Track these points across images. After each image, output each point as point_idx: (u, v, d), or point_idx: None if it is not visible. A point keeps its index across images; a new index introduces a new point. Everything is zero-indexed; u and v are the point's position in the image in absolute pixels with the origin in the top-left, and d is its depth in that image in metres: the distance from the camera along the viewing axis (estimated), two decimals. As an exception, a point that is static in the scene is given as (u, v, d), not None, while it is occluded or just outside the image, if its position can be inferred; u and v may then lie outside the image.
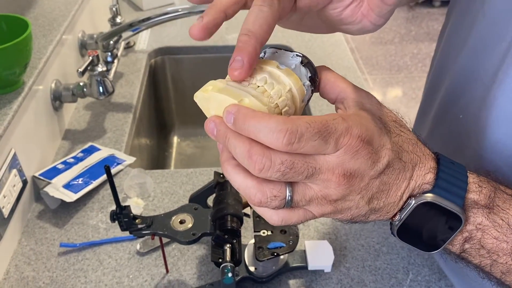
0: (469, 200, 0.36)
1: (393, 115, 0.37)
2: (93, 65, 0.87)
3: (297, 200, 0.33)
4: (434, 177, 0.35)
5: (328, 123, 0.30)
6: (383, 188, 0.34)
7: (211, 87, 0.34)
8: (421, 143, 0.37)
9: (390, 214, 0.36)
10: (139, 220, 0.61)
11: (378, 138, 0.33)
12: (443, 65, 0.60)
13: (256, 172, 0.31)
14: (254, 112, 0.31)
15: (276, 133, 0.29)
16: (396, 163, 0.34)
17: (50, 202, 0.77)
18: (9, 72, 0.70)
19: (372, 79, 3.03)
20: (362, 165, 0.32)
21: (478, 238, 0.36)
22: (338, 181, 0.32)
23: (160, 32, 1.31)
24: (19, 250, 0.71)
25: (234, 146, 0.31)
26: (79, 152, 0.86)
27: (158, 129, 1.32)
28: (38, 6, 0.99)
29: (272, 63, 0.35)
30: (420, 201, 0.34)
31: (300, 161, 0.31)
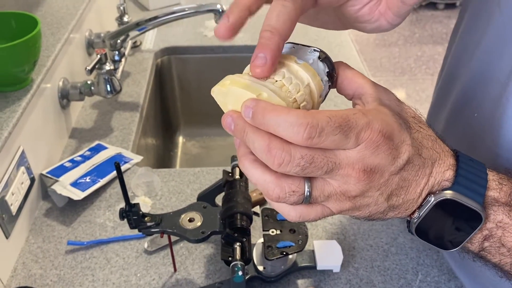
0: (489, 197, 0.35)
1: (412, 111, 0.36)
2: (101, 63, 0.87)
3: (315, 196, 0.32)
4: (453, 174, 0.35)
5: (349, 117, 0.30)
6: (403, 185, 0.33)
7: (228, 82, 0.33)
8: (440, 140, 0.36)
9: (409, 211, 0.35)
10: (148, 218, 0.61)
11: (398, 133, 0.32)
12: (457, 64, 0.59)
13: (275, 166, 0.30)
14: (274, 106, 0.30)
15: (297, 127, 0.29)
16: (416, 159, 0.33)
17: (58, 200, 0.77)
18: (18, 69, 0.70)
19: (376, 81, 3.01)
20: (383, 160, 0.31)
21: (499, 236, 0.35)
22: (358, 176, 0.31)
23: (166, 31, 1.31)
24: (27, 247, 0.71)
25: (253, 141, 0.31)
26: (86, 151, 0.86)
27: (164, 129, 1.31)
28: (46, 4, 0.99)
29: (290, 58, 0.34)
30: (440, 198, 0.34)
31: (320, 155, 0.30)
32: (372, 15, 0.37)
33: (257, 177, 0.32)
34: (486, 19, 0.51)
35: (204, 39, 1.29)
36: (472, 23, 0.56)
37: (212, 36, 1.29)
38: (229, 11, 0.33)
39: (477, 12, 0.55)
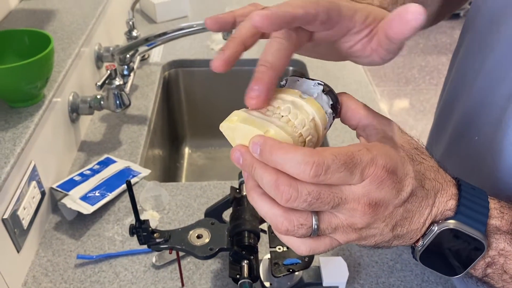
0: (491, 226, 0.36)
1: (415, 142, 0.37)
2: (110, 78, 0.89)
3: (323, 229, 0.34)
4: (456, 204, 0.36)
5: (353, 154, 0.31)
6: (407, 216, 0.35)
7: (236, 118, 0.35)
8: (442, 170, 0.37)
9: (413, 240, 0.37)
10: (157, 234, 0.62)
11: (401, 167, 0.33)
12: (458, 87, 0.60)
13: (283, 202, 0.31)
14: (281, 144, 0.31)
15: (303, 165, 0.30)
16: (419, 191, 0.34)
17: (67, 213, 0.78)
18: (31, 86, 0.72)
19: (380, 91, 3.04)
20: (387, 194, 0.33)
21: (501, 264, 0.36)
22: (364, 210, 0.32)
23: (173, 45, 1.33)
24: (37, 261, 0.72)
25: (261, 176, 0.32)
26: (95, 164, 0.87)
27: (170, 141, 1.33)
28: (57, 20, 1.01)
29: (295, 92, 0.36)
30: (443, 227, 0.35)
31: (326, 191, 0.32)
32: (364, 51, 0.38)
33: (266, 210, 0.33)
34: (487, 44, 0.53)
35: (210, 52, 1.31)
36: (473, 48, 0.57)
37: (218, 49, 1.31)
38: (226, 45, 0.35)
39: (478, 37, 0.56)
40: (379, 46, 0.37)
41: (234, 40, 0.36)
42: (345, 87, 1.16)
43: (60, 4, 1.07)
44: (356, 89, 1.16)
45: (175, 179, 1.32)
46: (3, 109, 0.74)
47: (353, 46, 0.38)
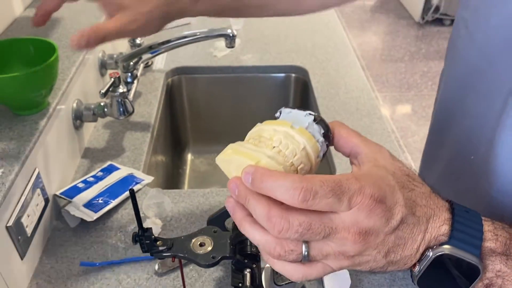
0: (486, 248, 0.36)
1: (406, 169, 0.38)
2: (114, 86, 0.90)
3: (314, 255, 0.34)
4: (449, 229, 0.36)
5: (341, 182, 0.32)
6: (399, 243, 0.35)
7: (230, 151, 0.36)
8: (434, 195, 0.38)
9: (408, 265, 0.37)
10: (160, 242, 0.62)
11: (391, 195, 0.34)
12: (449, 107, 0.61)
13: (276, 233, 0.33)
14: (271, 172, 0.33)
15: (292, 191, 0.31)
16: (410, 218, 0.35)
17: (71, 220, 0.79)
18: (36, 94, 0.73)
19: (382, 96, 3.04)
20: (377, 222, 0.33)
21: (499, 284, 0.37)
22: (354, 239, 0.33)
23: (177, 52, 1.33)
24: (40, 268, 0.73)
25: (254, 208, 0.33)
26: (98, 171, 0.88)
27: (173, 147, 1.34)
28: (61, 27, 1.02)
29: (286, 124, 0.37)
30: (438, 253, 0.36)
31: (317, 222, 0.33)
32: None
33: (258, 238, 0.35)
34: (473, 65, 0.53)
35: (213, 59, 1.31)
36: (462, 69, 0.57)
37: (221, 57, 1.32)
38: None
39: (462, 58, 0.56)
40: None
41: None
42: (347, 93, 1.17)
43: (65, 12, 1.08)
44: (358, 96, 1.16)
45: (178, 185, 1.33)
46: (7, 116, 0.75)
47: None
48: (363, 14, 4.18)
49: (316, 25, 1.50)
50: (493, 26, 0.49)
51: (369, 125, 1.06)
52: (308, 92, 1.26)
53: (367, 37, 3.81)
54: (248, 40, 1.40)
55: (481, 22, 0.51)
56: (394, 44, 3.66)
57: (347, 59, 1.32)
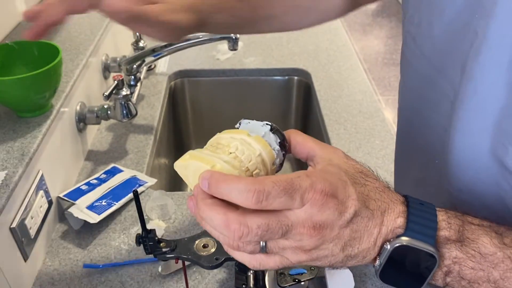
0: (441, 237, 0.38)
1: (359, 167, 0.40)
2: (118, 88, 0.90)
3: (271, 247, 0.36)
4: (405, 221, 0.37)
5: (293, 181, 0.33)
6: (355, 236, 0.36)
7: (188, 156, 0.38)
8: (388, 190, 0.39)
9: (368, 259, 0.38)
10: (163, 244, 0.62)
11: (342, 190, 0.35)
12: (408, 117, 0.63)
13: (236, 239, 0.34)
14: (226, 176, 0.34)
15: (246, 193, 0.32)
16: (363, 211, 0.36)
17: (74, 222, 0.79)
18: (40, 96, 0.73)
19: (384, 100, 3.04)
20: (330, 216, 0.34)
21: (457, 271, 0.38)
22: (310, 233, 0.34)
23: (179, 55, 1.34)
24: (44, 270, 0.73)
25: (211, 218, 0.34)
26: (102, 173, 0.88)
27: (176, 149, 1.34)
28: (65, 30, 1.03)
29: (243, 132, 0.39)
30: (395, 245, 0.37)
31: (274, 221, 0.34)
32: None
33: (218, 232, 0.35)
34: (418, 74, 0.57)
35: (216, 62, 1.32)
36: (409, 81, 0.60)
37: (224, 60, 1.32)
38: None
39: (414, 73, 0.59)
40: None
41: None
42: (350, 96, 1.17)
43: (68, 15, 1.09)
44: (360, 99, 1.16)
45: (181, 187, 1.33)
46: (11, 119, 0.75)
47: None
48: (365, 18, 4.19)
49: (318, 28, 1.51)
50: (436, 35, 0.51)
51: (371, 127, 1.06)
52: (310, 95, 1.26)
53: (369, 40, 3.81)
54: (251, 43, 1.41)
55: (425, 34, 0.53)
56: (396, 48, 3.66)
57: (349, 62, 1.33)
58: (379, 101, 3.01)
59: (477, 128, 0.46)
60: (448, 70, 0.50)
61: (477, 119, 0.46)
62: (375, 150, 0.99)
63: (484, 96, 0.44)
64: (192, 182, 0.39)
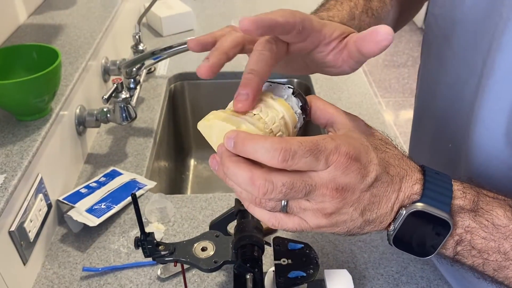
0: (455, 206, 0.39)
1: (379, 134, 0.41)
2: (117, 92, 0.90)
3: (292, 206, 0.36)
4: (421, 188, 0.38)
5: (318, 142, 0.34)
6: (374, 200, 0.37)
7: (212, 116, 0.38)
8: (406, 158, 0.40)
9: (384, 224, 0.39)
10: (162, 247, 0.62)
11: (365, 154, 0.36)
12: (425, 101, 0.65)
13: (261, 195, 0.34)
14: (252, 135, 0.34)
15: (272, 152, 0.33)
16: (384, 176, 0.37)
17: (73, 226, 0.79)
18: (39, 99, 0.73)
19: (385, 102, 3.04)
20: (353, 179, 0.35)
21: (468, 240, 0.39)
22: (332, 194, 0.35)
23: (179, 58, 1.34)
24: (43, 273, 0.73)
25: (236, 175, 0.34)
26: (101, 177, 0.88)
27: (176, 152, 1.34)
28: (64, 34, 1.03)
29: (267, 94, 0.39)
30: (411, 210, 0.37)
31: (298, 180, 0.34)
32: (336, 61, 0.42)
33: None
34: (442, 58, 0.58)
35: (216, 65, 1.32)
36: (434, 62, 0.61)
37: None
38: (210, 54, 0.40)
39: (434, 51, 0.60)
40: (349, 58, 0.41)
41: (218, 49, 0.40)
42: (350, 99, 1.17)
43: (68, 19, 1.09)
44: (360, 101, 1.16)
45: (181, 190, 1.33)
46: (10, 122, 0.75)
47: (326, 57, 0.42)
48: (366, 20, 4.18)
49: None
50: (457, 20, 0.53)
51: (371, 129, 1.06)
52: (310, 97, 1.26)
53: (369, 42, 3.81)
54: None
55: (447, 17, 0.55)
56: (397, 50, 3.67)
57: (349, 64, 1.32)
58: (380, 103, 3.01)
59: (494, 111, 0.48)
60: (470, 54, 0.51)
61: (494, 102, 0.47)
62: (374, 152, 0.99)
63: (502, 78, 0.46)
64: (216, 142, 0.39)
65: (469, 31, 0.52)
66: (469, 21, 0.51)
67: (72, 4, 1.17)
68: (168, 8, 1.45)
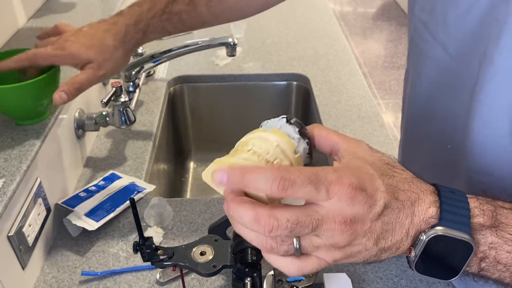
0: (475, 224, 0.38)
1: (386, 158, 0.39)
2: (116, 95, 0.90)
3: (305, 246, 0.35)
4: (437, 210, 0.37)
5: (318, 172, 0.33)
6: (387, 228, 0.36)
7: (212, 164, 0.39)
8: (417, 180, 0.39)
9: (401, 250, 0.38)
10: (160, 251, 0.62)
11: (370, 183, 0.35)
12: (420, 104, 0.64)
13: (267, 233, 0.33)
14: (251, 167, 0.34)
15: (271, 181, 0.33)
16: (393, 203, 0.36)
17: (72, 230, 0.79)
18: (38, 103, 0.73)
19: (385, 103, 3.04)
20: (360, 210, 0.34)
21: (493, 256, 0.38)
22: (341, 228, 0.34)
23: (179, 61, 1.34)
24: (42, 277, 0.72)
25: (240, 215, 0.34)
26: (100, 180, 0.88)
27: (176, 155, 1.34)
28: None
29: (259, 130, 0.40)
30: (431, 235, 0.36)
31: (304, 215, 0.34)
32: None
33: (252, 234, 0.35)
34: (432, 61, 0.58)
35: (215, 68, 1.32)
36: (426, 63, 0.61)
37: (223, 65, 1.33)
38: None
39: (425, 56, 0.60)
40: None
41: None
42: (349, 101, 1.17)
43: (67, 22, 1.09)
44: (359, 103, 1.16)
45: (180, 193, 1.33)
46: (9, 126, 0.75)
47: None
48: (365, 22, 4.19)
49: (317, 33, 1.51)
50: (450, 23, 0.52)
51: (370, 132, 1.06)
52: (309, 100, 1.26)
53: (369, 44, 3.82)
54: (250, 48, 1.41)
55: (439, 21, 0.54)
56: (397, 51, 3.67)
57: (348, 67, 1.33)
58: (380, 105, 3.01)
59: (496, 111, 0.47)
60: (465, 56, 0.51)
61: (497, 103, 0.47)
62: (374, 155, 0.99)
63: (504, 79, 0.46)
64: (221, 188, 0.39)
65: (465, 34, 0.52)
66: (465, 25, 0.51)
67: (71, 7, 1.17)
68: (168, 11, 1.45)
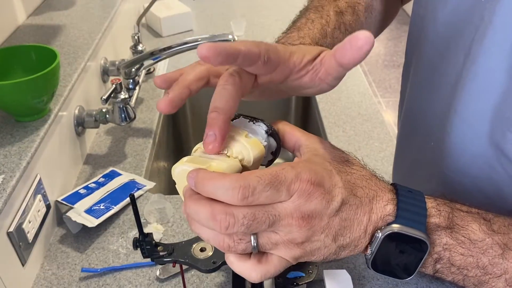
0: (431, 224, 0.38)
1: (345, 155, 0.40)
2: (116, 92, 0.90)
3: (263, 243, 0.35)
4: (394, 208, 0.37)
5: (277, 173, 0.33)
6: (345, 225, 0.36)
7: (185, 159, 0.38)
8: (375, 178, 0.39)
9: (359, 248, 0.38)
10: (160, 248, 0.62)
11: (328, 179, 0.35)
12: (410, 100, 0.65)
13: (223, 230, 0.33)
14: (210, 174, 0.33)
15: (231, 191, 0.32)
16: (351, 199, 0.36)
17: (72, 226, 0.79)
18: (37, 100, 0.73)
19: (385, 102, 3.03)
20: (318, 205, 0.34)
21: (447, 257, 0.38)
22: (299, 224, 0.34)
23: (179, 58, 1.34)
24: (42, 274, 0.72)
25: (197, 212, 0.34)
26: (100, 177, 0.88)
27: (176, 153, 1.34)
28: (63, 35, 1.03)
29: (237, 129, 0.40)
30: (386, 232, 0.37)
31: (260, 211, 0.33)
32: (313, 82, 0.40)
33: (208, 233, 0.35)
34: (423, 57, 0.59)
35: (215, 65, 1.31)
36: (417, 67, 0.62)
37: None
38: (171, 88, 0.38)
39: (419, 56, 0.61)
40: (328, 75, 0.39)
41: (179, 83, 0.39)
42: (349, 99, 1.17)
43: (67, 19, 1.09)
44: (360, 101, 1.16)
45: (180, 191, 1.32)
46: (9, 123, 0.75)
47: (301, 81, 0.40)
48: (365, 20, 4.18)
49: (317, 30, 1.50)
50: (440, 21, 0.52)
51: (370, 129, 1.06)
52: (309, 98, 1.26)
53: (369, 42, 3.81)
54: (250, 46, 1.41)
55: (430, 18, 0.55)
56: (397, 50, 3.67)
57: (348, 64, 1.32)
58: (380, 103, 3.01)
59: (477, 111, 0.47)
60: (451, 54, 0.51)
61: (477, 103, 0.47)
62: (374, 152, 0.99)
63: (485, 80, 0.46)
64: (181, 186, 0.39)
65: (452, 31, 0.52)
66: (452, 23, 0.51)
67: (71, 4, 1.17)
68: (168, 8, 1.45)
